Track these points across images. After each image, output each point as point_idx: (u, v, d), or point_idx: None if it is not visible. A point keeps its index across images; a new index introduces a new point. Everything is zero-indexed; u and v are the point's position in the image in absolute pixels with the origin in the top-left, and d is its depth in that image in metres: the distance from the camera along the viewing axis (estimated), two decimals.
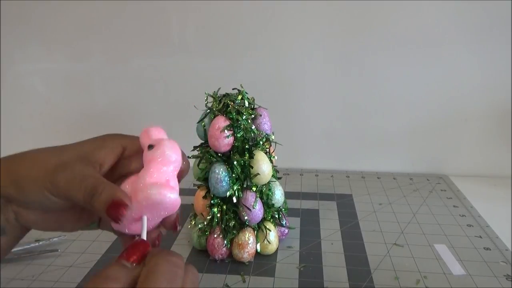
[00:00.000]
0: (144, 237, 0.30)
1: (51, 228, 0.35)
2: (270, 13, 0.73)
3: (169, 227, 0.34)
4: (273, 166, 0.53)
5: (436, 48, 0.72)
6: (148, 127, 0.34)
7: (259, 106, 0.53)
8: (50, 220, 0.34)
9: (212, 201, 0.51)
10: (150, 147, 0.31)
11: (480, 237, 0.57)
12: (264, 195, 0.52)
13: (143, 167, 0.32)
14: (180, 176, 0.34)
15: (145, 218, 0.31)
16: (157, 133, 0.34)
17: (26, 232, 0.34)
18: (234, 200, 0.50)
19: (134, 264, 0.28)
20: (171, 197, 0.30)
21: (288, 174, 0.80)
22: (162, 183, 0.30)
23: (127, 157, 0.35)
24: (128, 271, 0.27)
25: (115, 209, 0.29)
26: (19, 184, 0.31)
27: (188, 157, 0.53)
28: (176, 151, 0.32)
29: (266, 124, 0.52)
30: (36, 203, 0.31)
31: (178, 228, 0.34)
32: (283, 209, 0.56)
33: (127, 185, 0.32)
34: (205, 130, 0.51)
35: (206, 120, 0.51)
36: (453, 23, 0.70)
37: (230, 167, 0.49)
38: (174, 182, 0.32)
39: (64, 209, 0.33)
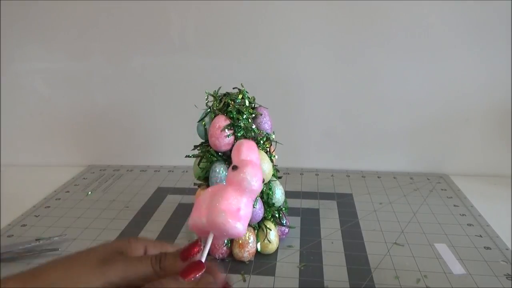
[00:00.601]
0: (204, 258, 0.31)
1: None
2: (270, 12, 0.73)
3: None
4: (274, 166, 0.53)
5: (436, 48, 0.72)
6: (243, 141, 0.33)
7: (260, 105, 0.53)
8: None
9: None
10: (234, 168, 0.31)
11: (480, 236, 0.57)
12: (265, 195, 0.52)
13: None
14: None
15: (210, 239, 0.32)
16: (247, 151, 0.33)
17: None
18: None
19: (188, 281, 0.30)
20: (236, 227, 0.31)
21: (288, 174, 0.80)
22: (232, 211, 0.31)
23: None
24: (181, 286, 0.29)
25: (187, 251, 0.31)
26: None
27: (189, 156, 0.53)
28: (258, 180, 0.32)
29: (266, 123, 0.52)
30: None
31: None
32: (284, 209, 0.56)
33: (209, 191, 0.33)
34: (205, 129, 0.51)
35: (206, 119, 0.51)
36: (454, 23, 0.70)
37: None
38: (245, 210, 0.32)
39: None
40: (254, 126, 0.50)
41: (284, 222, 0.55)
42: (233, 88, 0.52)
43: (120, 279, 0.30)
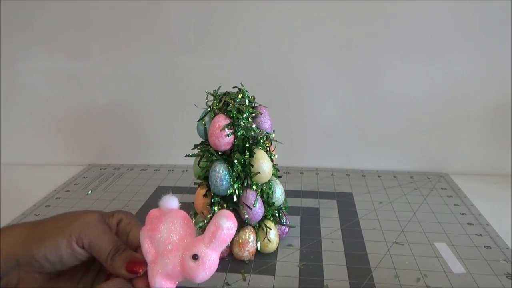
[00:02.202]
0: None
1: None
2: (270, 11, 0.73)
3: None
4: (274, 165, 0.53)
5: (436, 47, 0.72)
6: (229, 223, 0.32)
7: (260, 105, 0.53)
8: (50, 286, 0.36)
9: (212, 200, 0.51)
10: (195, 257, 0.32)
11: (481, 235, 0.57)
12: (265, 194, 0.52)
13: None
14: None
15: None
16: (224, 243, 0.33)
17: None
18: (235, 198, 0.50)
19: None
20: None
21: (288, 173, 0.80)
22: (168, 285, 0.33)
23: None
24: None
25: (134, 265, 0.33)
26: (42, 237, 0.34)
27: (189, 155, 0.53)
28: (205, 280, 0.32)
29: (266, 122, 0.52)
30: (52, 254, 0.34)
31: None
32: (284, 208, 0.56)
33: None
34: (205, 128, 0.51)
35: (206, 118, 0.51)
36: (454, 22, 0.70)
37: (231, 166, 0.49)
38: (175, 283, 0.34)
39: (70, 268, 0.36)
40: (254, 125, 0.50)
41: (284, 221, 0.55)
42: (233, 88, 0.52)
43: (88, 241, 0.34)
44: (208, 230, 0.32)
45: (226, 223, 0.32)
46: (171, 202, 0.35)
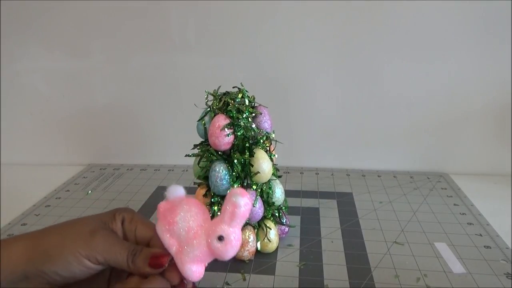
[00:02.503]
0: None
1: None
2: (270, 11, 0.73)
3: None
4: (274, 165, 0.53)
5: (437, 46, 0.72)
6: (243, 200, 0.33)
7: (259, 105, 0.53)
8: None
9: (212, 199, 0.51)
10: (220, 238, 0.32)
11: (481, 235, 0.57)
12: (265, 194, 0.52)
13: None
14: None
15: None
16: (243, 218, 0.33)
17: None
18: None
19: None
20: (197, 278, 0.34)
21: (288, 173, 0.80)
22: (199, 270, 0.33)
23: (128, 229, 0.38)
24: None
25: (156, 260, 0.33)
26: (48, 253, 0.33)
27: (189, 155, 0.53)
28: (234, 254, 0.33)
29: (266, 122, 0.52)
30: (64, 271, 0.33)
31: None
32: (284, 208, 0.56)
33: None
34: (205, 128, 0.51)
35: (206, 118, 0.51)
36: (454, 22, 0.70)
37: (231, 166, 0.49)
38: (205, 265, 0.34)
39: (83, 278, 0.34)
40: (254, 125, 0.50)
41: (284, 221, 0.55)
42: (233, 87, 0.52)
43: (101, 257, 0.33)
44: (226, 211, 0.33)
45: (242, 200, 0.32)
46: (178, 191, 0.35)
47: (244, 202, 0.32)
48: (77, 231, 0.34)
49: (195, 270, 0.33)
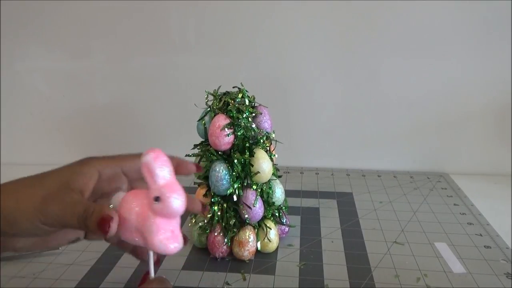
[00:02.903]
0: (152, 273, 0.35)
1: (38, 248, 0.37)
2: (270, 11, 0.73)
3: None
4: (274, 164, 0.53)
5: (437, 46, 0.72)
6: (150, 156, 0.32)
7: (260, 104, 0.53)
8: (37, 242, 0.37)
9: (212, 199, 0.51)
10: (157, 199, 0.32)
11: (481, 235, 0.57)
12: (265, 193, 0.52)
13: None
14: None
15: (151, 255, 0.35)
16: (160, 171, 0.33)
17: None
18: (235, 198, 0.50)
19: None
20: (175, 247, 0.33)
21: (288, 172, 0.80)
22: (168, 237, 0.33)
23: (105, 179, 0.38)
24: None
25: (104, 224, 0.31)
26: (8, 218, 0.33)
27: (189, 155, 0.53)
28: (182, 202, 0.32)
29: (266, 122, 0.52)
30: (27, 232, 0.34)
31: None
32: (284, 207, 0.56)
33: (133, 209, 0.33)
34: (205, 128, 0.51)
35: (206, 118, 0.51)
36: (454, 22, 0.70)
37: (231, 166, 0.49)
38: (177, 228, 0.34)
39: (52, 232, 0.35)
40: (254, 125, 0.50)
41: (284, 221, 0.55)
42: (233, 87, 0.52)
43: (55, 222, 0.33)
44: (145, 176, 0.33)
45: (148, 155, 0.32)
46: (118, 196, 0.35)
47: (150, 157, 0.32)
48: (31, 195, 0.34)
49: (164, 241, 0.32)
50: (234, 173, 0.49)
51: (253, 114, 0.51)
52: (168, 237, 0.32)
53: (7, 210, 0.33)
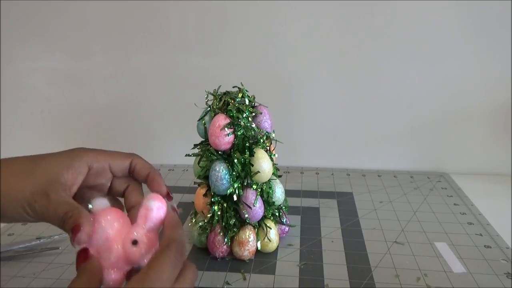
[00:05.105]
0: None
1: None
2: (270, 11, 0.73)
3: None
4: (274, 164, 0.53)
5: (437, 46, 0.72)
6: (154, 204, 0.33)
7: (260, 104, 0.53)
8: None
9: (212, 199, 0.51)
10: (134, 242, 0.32)
11: (481, 235, 0.57)
12: (265, 193, 0.52)
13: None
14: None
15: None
16: (156, 219, 0.34)
17: None
18: (235, 198, 0.50)
19: None
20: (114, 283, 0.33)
21: (288, 172, 0.80)
22: (117, 276, 0.33)
23: (93, 173, 0.38)
24: None
25: (76, 230, 0.32)
26: None
27: (189, 155, 0.53)
28: (149, 259, 0.33)
29: (266, 122, 0.52)
30: (12, 220, 0.36)
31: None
32: (284, 207, 0.56)
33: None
34: (205, 128, 0.51)
35: (206, 118, 0.51)
36: (454, 22, 0.70)
37: (231, 165, 0.49)
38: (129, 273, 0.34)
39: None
40: (254, 125, 0.50)
41: (284, 220, 0.55)
42: (233, 87, 0.52)
43: (41, 218, 0.35)
44: (140, 215, 0.33)
45: (154, 203, 0.33)
46: (103, 202, 0.36)
47: (156, 206, 0.33)
48: (22, 187, 0.35)
49: (112, 274, 0.33)
50: (234, 173, 0.49)
51: (253, 114, 0.51)
52: (117, 277, 0.33)
53: None
